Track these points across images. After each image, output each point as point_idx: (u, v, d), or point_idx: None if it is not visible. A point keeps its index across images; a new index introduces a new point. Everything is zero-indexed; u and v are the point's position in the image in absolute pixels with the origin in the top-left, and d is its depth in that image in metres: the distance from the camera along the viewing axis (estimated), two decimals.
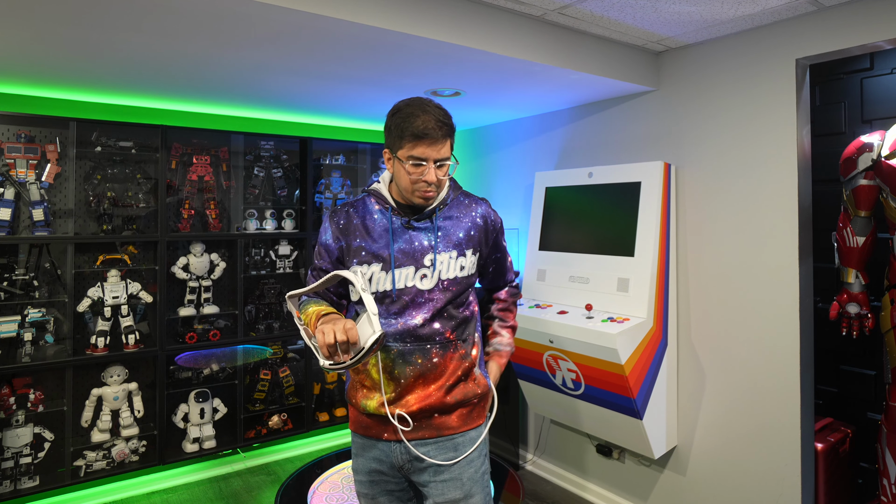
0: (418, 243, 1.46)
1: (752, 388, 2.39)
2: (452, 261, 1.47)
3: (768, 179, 2.33)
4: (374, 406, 1.46)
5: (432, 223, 1.48)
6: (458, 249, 1.48)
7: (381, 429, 1.48)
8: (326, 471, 3.37)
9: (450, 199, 1.53)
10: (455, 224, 1.50)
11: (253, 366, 3.63)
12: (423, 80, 2.61)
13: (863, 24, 2.05)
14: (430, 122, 1.38)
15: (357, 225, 1.49)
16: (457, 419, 1.49)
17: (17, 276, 2.87)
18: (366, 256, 1.46)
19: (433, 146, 1.38)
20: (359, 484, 1.53)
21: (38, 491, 2.84)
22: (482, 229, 1.53)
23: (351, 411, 1.55)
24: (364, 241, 1.47)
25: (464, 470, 1.47)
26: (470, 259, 1.51)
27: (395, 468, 1.49)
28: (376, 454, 1.49)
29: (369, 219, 1.50)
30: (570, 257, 2.86)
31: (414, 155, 1.39)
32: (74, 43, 2.07)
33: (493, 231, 1.56)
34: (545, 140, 3.41)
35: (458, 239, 1.49)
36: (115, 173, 3.20)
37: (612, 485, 2.97)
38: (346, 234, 1.49)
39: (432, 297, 1.45)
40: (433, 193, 1.44)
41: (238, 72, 2.47)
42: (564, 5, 2.14)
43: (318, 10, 1.77)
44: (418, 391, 1.44)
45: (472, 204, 1.56)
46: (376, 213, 1.50)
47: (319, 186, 3.88)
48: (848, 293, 2.44)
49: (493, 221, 1.57)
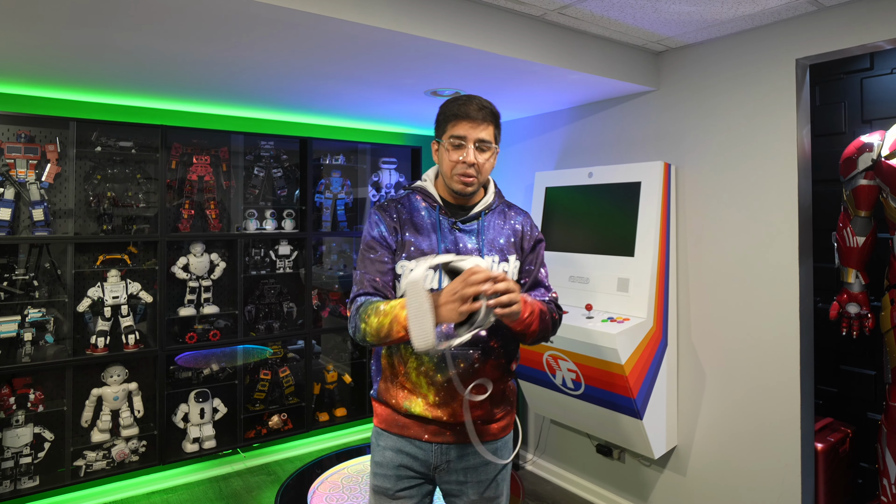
0: (463, 245, 1.47)
1: (752, 388, 2.39)
2: (495, 265, 1.47)
3: (768, 179, 2.33)
4: (420, 409, 1.45)
5: (478, 226, 1.49)
6: (500, 255, 1.49)
7: (421, 430, 1.48)
8: (326, 471, 3.37)
9: (495, 206, 1.55)
10: (498, 230, 1.52)
11: (253, 366, 3.63)
12: (423, 80, 2.61)
13: (863, 24, 2.05)
14: (472, 104, 1.43)
15: (406, 220, 1.49)
16: (496, 427, 1.54)
17: (17, 276, 2.87)
18: (415, 252, 1.46)
19: (473, 126, 1.41)
20: (380, 478, 1.50)
21: (38, 491, 2.84)
22: (520, 236, 1.54)
23: (383, 409, 1.53)
24: (413, 236, 1.47)
25: (498, 471, 1.55)
26: (513, 265, 1.51)
27: (429, 467, 1.50)
28: (412, 451, 1.49)
29: (416, 215, 1.50)
30: (570, 257, 2.86)
31: (455, 134, 1.42)
32: (74, 43, 2.07)
33: (529, 240, 1.55)
34: (545, 140, 3.41)
35: (501, 245, 1.50)
36: (115, 173, 3.20)
37: (612, 485, 2.97)
38: (398, 227, 1.49)
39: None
40: (473, 178, 1.44)
41: (238, 72, 2.47)
42: (564, 5, 2.14)
43: (318, 11, 1.77)
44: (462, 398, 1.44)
45: (513, 213, 1.58)
46: (423, 209, 1.50)
47: (319, 186, 3.88)
48: (848, 293, 2.44)
49: (530, 231, 1.57)
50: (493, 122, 1.45)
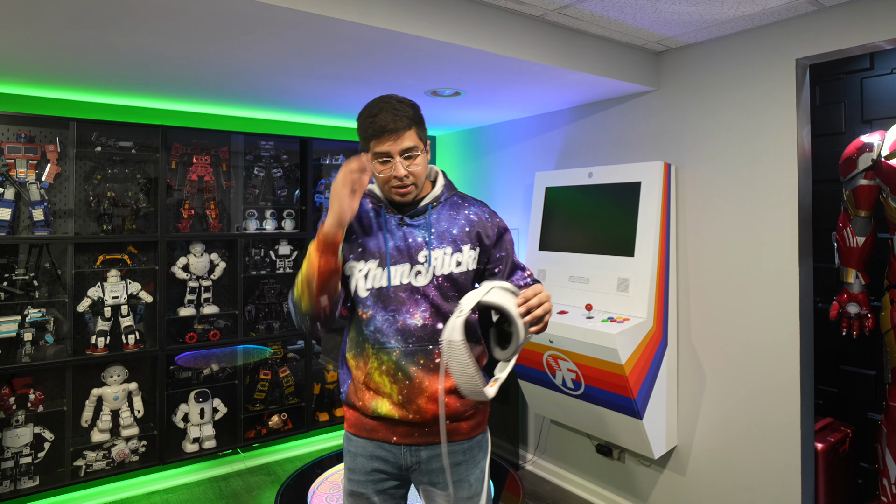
0: (412, 240, 1.45)
1: (752, 388, 2.39)
2: (447, 256, 1.45)
3: (768, 179, 2.33)
4: (386, 409, 1.43)
5: (426, 220, 1.47)
6: (452, 245, 1.46)
7: (388, 432, 1.46)
8: (326, 471, 3.37)
9: (444, 198, 1.52)
10: (449, 221, 1.49)
11: (253, 366, 3.63)
12: (423, 80, 2.61)
13: (863, 24, 2.05)
14: (387, 116, 1.38)
15: (353, 222, 1.48)
16: (467, 426, 1.50)
17: (17, 276, 2.87)
18: (362, 253, 1.45)
19: (394, 139, 1.37)
20: (353, 483, 1.50)
21: (38, 491, 2.84)
22: (477, 225, 1.50)
23: (351, 413, 1.52)
24: (360, 237, 1.47)
25: (471, 471, 1.50)
26: (467, 255, 1.47)
27: (401, 469, 1.49)
28: (382, 454, 1.47)
29: (364, 217, 1.49)
30: (570, 257, 2.86)
31: (378, 152, 1.39)
32: (75, 43, 2.07)
33: (491, 227, 1.51)
34: (545, 140, 3.41)
35: (453, 235, 1.47)
36: (115, 173, 3.20)
37: (612, 485, 2.97)
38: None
39: (427, 293, 1.43)
40: (409, 189, 1.42)
41: (238, 72, 2.47)
42: (564, 5, 2.14)
43: (318, 10, 1.77)
44: (427, 393, 1.42)
45: (466, 203, 1.55)
46: (370, 210, 1.50)
47: (319, 186, 3.88)
48: (848, 293, 2.44)
49: (488, 219, 1.52)
50: (412, 124, 1.40)
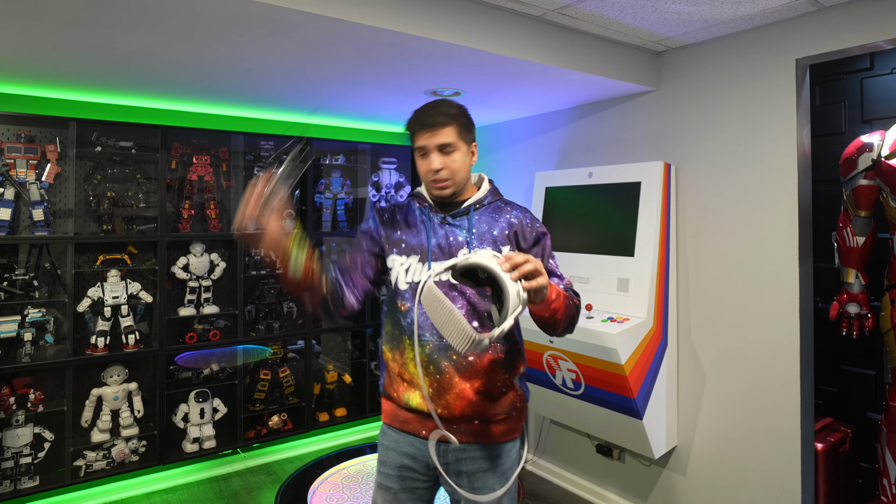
0: (453, 238, 1.49)
1: (752, 388, 2.39)
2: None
3: (768, 179, 2.33)
4: (417, 401, 1.47)
5: (468, 220, 1.50)
6: (492, 246, 1.48)
7: (419, 425, 1.48)
8: (326, 471, 3.37)
9: (487, 201, 1.55)
10: (490, 222, 1.51)
11: (253, 366, 3.63)
12: (423, 80, 2.61)
13: (863, 24, 2.05)
14: (427, 111, 1.47)
15: (399, 220, 1.56)
16: (496, 430, 1.48)
17: (17, 276, 2.87)
18: (405, 248, 1.52)
19: (432, 133, 1.45)
20: (384, 476, 1.52)
21: (38, 491, 2.84)
22: (516, 227, 1.51)
23: (388, 405, 1.56)
24: (404, 233, 1.54)
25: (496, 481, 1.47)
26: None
27: (428, 468, 1.49)
28: (412, 452, 1.50)
29: (411, 216, 1.56)
30: (570, 257, 2.86)
31: (418, 146, 1.49)
32: (74, 43, 2.07)
33: (530, 231, 1.52)
34: (545, 140, 3.41)
35: (493, 236, 1.50)
36: (115, 173, 3.20)
37: (612, 485, 2.97)
38: (389, 225, 1.56)
39: (464, 290, 1.45)
40: (446, 182, 1.47)
41: (238, 72, 2.47)
42: (564, 5, 2.14)
43: (318, 10, 1.77)
44: (456, 390, 1.44)
45: (509, 208, 1.56)
46: (417, 210, 1.57)
47: (319, 186, 3.88)
48: (848, 293, 2.44)
49: (530, 224, 1.53)
50: (453, 123, 1.46)
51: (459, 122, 1.47)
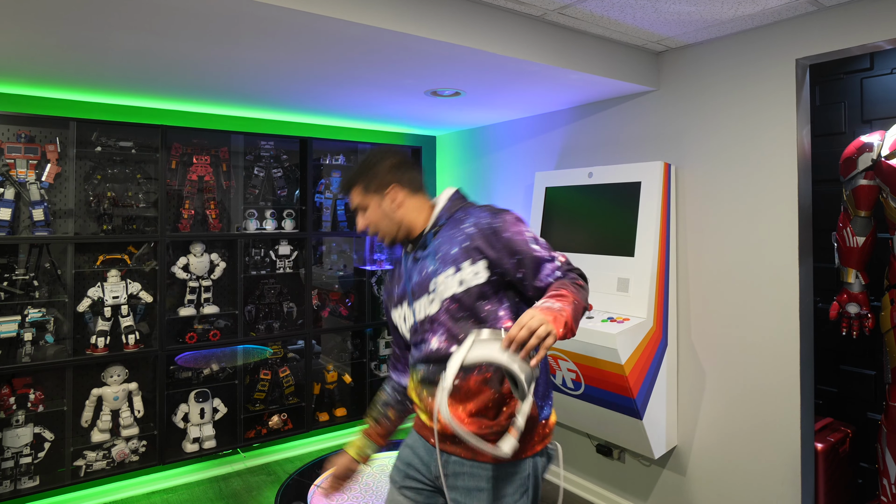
0: (424, 272, 1.47)
1: (752, 387, 2.39)
2: (450, 278, 1.42)
3: (768, 179, 2.33)
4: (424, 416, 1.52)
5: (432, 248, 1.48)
6: (454, 266, 1.41)
7: (429, 433, 1.50)
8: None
9: (443, 221, 1.50)
10: (450, 241, 1.45)
11: (253, 366, 3.63)
12: (423, 80, 2.61)
13: (863, 24, 2.05)
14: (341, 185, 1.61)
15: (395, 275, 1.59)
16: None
17: (17, 276, 2.87)
18: (397, 300, 1.54)
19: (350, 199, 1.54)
20: (394, 469, 1.57)
21: (38, 491, 2.84)
22: (474, 237, 1.42)
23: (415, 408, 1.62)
24: (396, 286, 1.56)
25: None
26: (469, 270, 1.40)
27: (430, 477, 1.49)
28: (421, 453, 1.52)
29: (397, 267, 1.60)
30: (570, 257, 2.86)
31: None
32: (75, 43, 2.07)
33: (490, 234, 1.41)
34: (545, 140, 3.41)
35: (452, 256, 1.43)
36: (115, 173, 3.20)
37: (612, 485, 2.97)
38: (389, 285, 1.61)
39: (439, 318, 1.42)
40: (377, 236, 1.54)
41: (238, 72, 2.48)
42: (564, 5, 2.14)
43: (318, 11, 1.77)
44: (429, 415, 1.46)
45: (467, 216, 1.48)
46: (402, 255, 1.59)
47: (319, 186, 3.88)
48: (848, 293, 2.44)
49: (487, 225, 1.42)
50: (355, 185, 1.51)
51: (360, 181, 1.50)
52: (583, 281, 1.41)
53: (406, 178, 1.51)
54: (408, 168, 1.53)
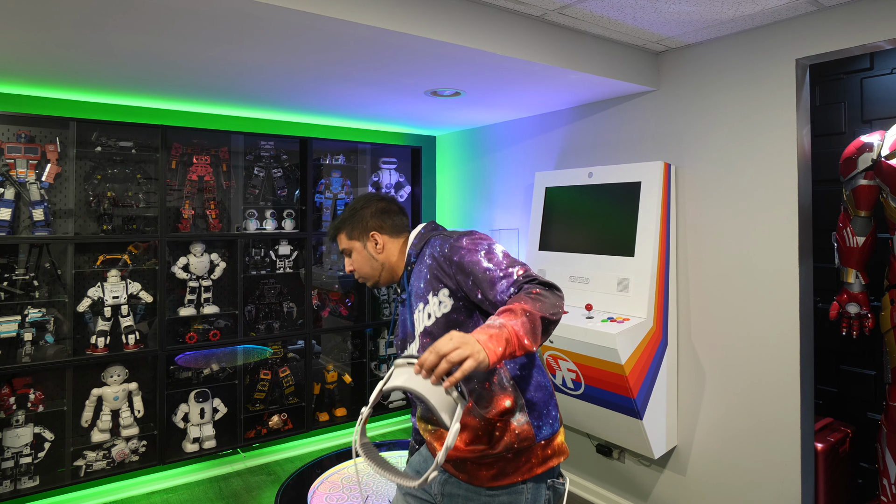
0: (410, 312, 1.51)
1: (752, 387, 2.39)
2: (421, 314, 1.44)
3: (768, 179, 2.33)
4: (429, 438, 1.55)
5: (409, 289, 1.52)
6: (422, 300, 1.43)
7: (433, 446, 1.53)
8: (326, 471, 3.37)
9: (413, 259, 1.52)
10: (417, 276, 1.47)
11: (253, 366, 3.63)
12: (423, 80, 2.61)
13: (863, 24, 2.05)
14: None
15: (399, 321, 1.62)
16: (485, 474, 1.38)
17: (17, 276, 2.87)
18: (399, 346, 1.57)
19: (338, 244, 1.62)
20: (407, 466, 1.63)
21: (38, 491, 2.84)
22: (433, 268, 1.42)
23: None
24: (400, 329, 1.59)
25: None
26: (434, 302, 1.41)
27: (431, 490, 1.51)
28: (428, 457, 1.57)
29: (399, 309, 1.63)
30: (570, 257, 2.86)
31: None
32: (75, 43, 2.07)
33: (444, 262, 1.39)
34: (545, 140, 3.41)
35: (421, 290, 1.44)
36: (115, 173, 3.20)
37: (612, 485, 2.97)
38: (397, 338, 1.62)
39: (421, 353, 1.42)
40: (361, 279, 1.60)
41: (238, 72, 2.47)
42: (564, 5, 2.14)
43: (319, 11, 1.77)
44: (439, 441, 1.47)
45: (428, 248, 1.47)
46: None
47: (319, 186, 3.88)
48: (848, 293, 2.44)
49: (440, 254, 1.40)
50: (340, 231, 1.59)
51: (344, 226, 1.58)
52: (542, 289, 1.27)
53: (388, 224, 1.57)
54: (392, 213, 1.58)
